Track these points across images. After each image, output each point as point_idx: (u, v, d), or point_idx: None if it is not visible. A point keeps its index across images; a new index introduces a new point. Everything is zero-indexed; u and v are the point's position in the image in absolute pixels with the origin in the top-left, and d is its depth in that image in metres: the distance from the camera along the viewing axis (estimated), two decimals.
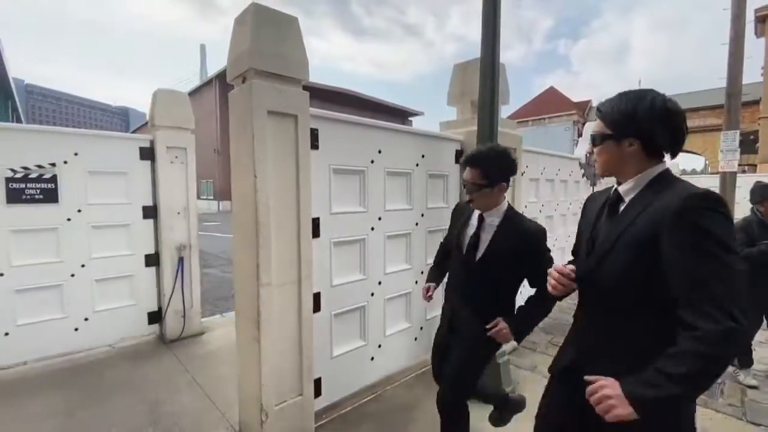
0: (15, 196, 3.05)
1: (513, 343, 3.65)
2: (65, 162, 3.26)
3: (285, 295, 2.19)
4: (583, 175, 5.70)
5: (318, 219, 2.40)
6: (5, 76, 17.04)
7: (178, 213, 3.74)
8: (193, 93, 26.80)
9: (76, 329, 3.40)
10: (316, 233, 2.38)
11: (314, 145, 2.33)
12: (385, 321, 2.89)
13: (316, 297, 2.40)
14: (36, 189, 3.13)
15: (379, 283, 2.83)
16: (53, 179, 3.21)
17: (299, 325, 2.26)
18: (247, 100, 1.99)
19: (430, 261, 3.19)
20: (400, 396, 2.81)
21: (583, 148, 5.74)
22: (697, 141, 23.74)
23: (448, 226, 3.31)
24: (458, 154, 3.35)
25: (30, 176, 3.11)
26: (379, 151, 2.76)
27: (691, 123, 23.30)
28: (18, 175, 3.06)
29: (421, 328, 3.19)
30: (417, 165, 3.04)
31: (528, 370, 3.24)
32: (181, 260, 3.77)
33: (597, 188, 6.18)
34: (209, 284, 6.19)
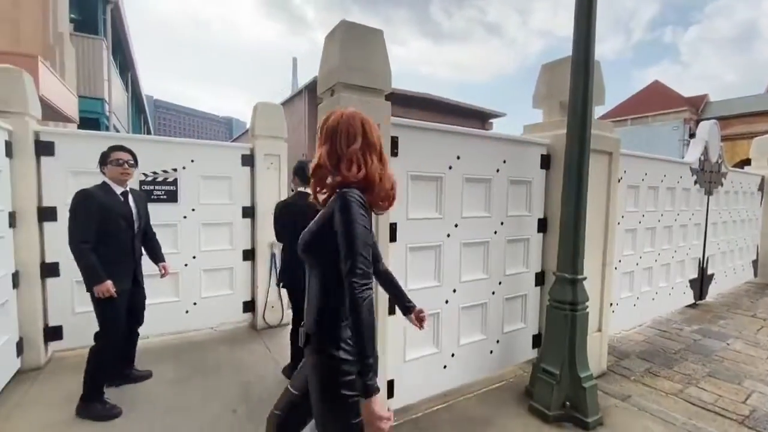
0: (147, 196, 3.65)
1: (601, 367, 3.34)
2: (184, 167, 3.81)
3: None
4: (695, 182, 4.97)
5: (395, 224, 2.46)
6: (139, 94, 20.41)
7: (272, 213, 4.13)
8: (285, 103, 29.19)
9: (187, 312, 3.94)
10: (393, 238, 2.44)
11: (394, 152, 2.39)
12: (459, 330, 2.85)
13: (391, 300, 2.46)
14: (162, 190, 3.72)
15: (454, 291, 2.80)
16: (174, 182, 3.77)
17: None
18: None
19: (510, 272, 3.09)
20: (473, 409, 2.74)
21: (696, 150, 5.00)
22: None
23: (527, 236, 3.17)
24: (544, 158, 3.17)
25: (157, 179, 3.70)
26: (458, 157, 2.73)
27: None
28: (149, 179, 3.66)
29: (498, 341, 3.07)
30: (497, 171, 2.94)
31: (618, 398, 2.93)
32: (272, 256, 4.15)
33: (713, 197, 5.33)
34: None
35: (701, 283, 5.34)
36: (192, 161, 3.84)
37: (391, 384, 2.50)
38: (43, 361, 3.21)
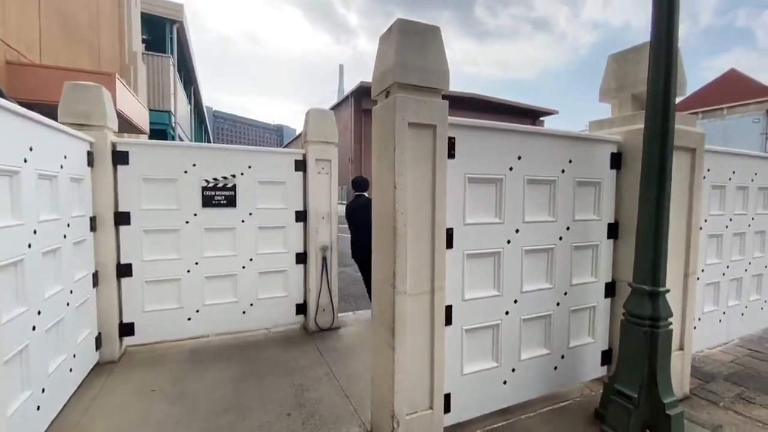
0: (208, 201, 3.84)
1: (683, 390, 2.97)
2: (242, 174, 3.96)
3: (418, 305, 2.20)
4: None
5: (452, 230, 2.34)
6: (201, 106, 21.91)
7: (323, 218, 4.18)
8: (332, 108, 30.00)
9: (244, 312, 4.08)
10: (449, 244, 2.33)
11: (451, 154, 2.29)
12: (520, 343, 2.66)
13: (448, 309, 2.35)
14: (222, 195, 3.88)
15: (515, 301, 2.62)
16: (233, 188, 3.93)
17: (431, 337, 2.24)
18: (390, 114, 2.07)
19: (576, 281, 2.85)
20: (536, 429, 2.54)
21: None
22: None
23: (596, 243, 2.90)
24: (614, 157, 2.89)
25: (218, 185, 3.87)
26: (519, 158, 2.56)
27: None
28: (210, 185, 3.83)
29: (563, 356, 2.84)
30: (563, 171, 2.72)
31: (707, 428, 2.57)
32: (324, 259, 4.19)
33: None
34: (343, 282, 6.73)
35: None
36: (249, 167, 3.98)
37: (447, 398, 2.38)
38: (118, 356, 3.46)
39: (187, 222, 3.77)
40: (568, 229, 2.77)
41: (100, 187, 3.33)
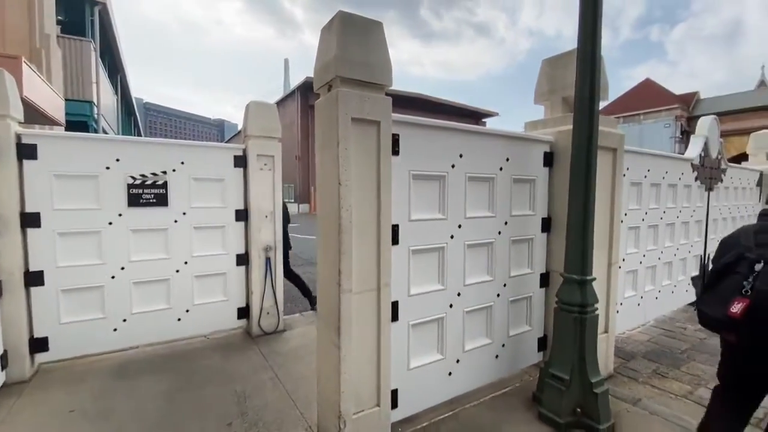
0: (135, 200, 3.50)
1: (608, 369, 3.25)
2: (174, 170, 3.66)
3: (364, 303, 2.17)
4: (696, 179, 4.91)
5: (397, 226, 2.34)
6: (129, 97, 20.13)
7: (266, 216, 4.00)
8: (277, 104, 29.04)
9: (179, 319, 3.79)
10: (395, 240, 2.33)
11: (395, 150, 2.28)
12: (464, 335, 2.74)
13: (394, 306, 2.35)
14: (151, 194, 3.56)
15: (459, 294, 2.69)
16: (164, 185, 3.62)
17: (378, 334, 2.22)
18: (332, 108, 2.01)
19: (515, 273, 2.99)
20: (481, 416, 2.63)
21: (697, 146, 4.95)
22: None
23: (531, 236, 3.07)
24: (547, 156, 3.08)
25: (146, 183, 3.55)
26: (461, 155, 2.63)
27: None
28: (137, 182, 3.51)
29: (503, 345, 2.97)
30: (501, 169, 2.84)
31: (628, 402, 2.83)
32: (267, 260, 4.01)
33: (713, 194, 5.29)
34: (290, 284, 6.53)
35: (703, 281, 5.28)
36: (182, 163, 3.69)
37: (395, 393, 2.38)
38: (29, 375, 3.05)
39: (110, 223, 3.42)
40: (506, 224, 2.90)
41: (1, 185, 2.90)
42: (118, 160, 3.42)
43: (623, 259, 3.86)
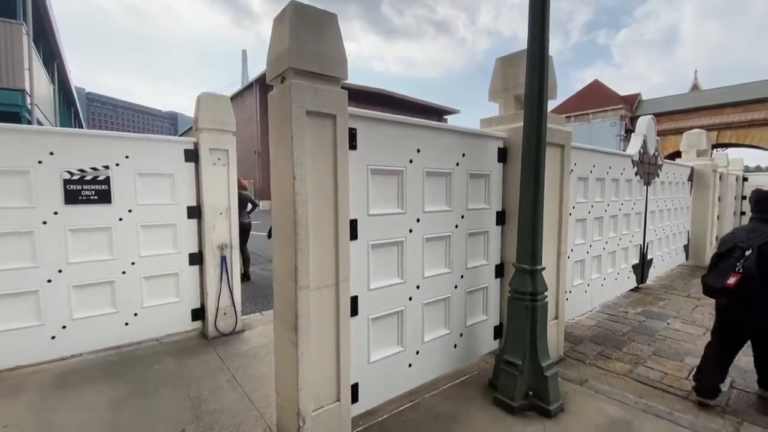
0: (73, 197, 3.24)
1: (559, 353, 3.44)
2: (117, 164, 3.43)
3: (323, 299, 2.15)
4: (636, 174, 5.29)
5: (356, 221, 2.34)
6: (68, 86, 18.56)
7: (221, 213, 3.84)
8: (235, 97, 27.91)
9: (127, 324, 3.57)
10: (353, 235, 2.32)
11: (352, 145, 2.27)
12: (423, 327, 2.79)
13: (354, 301, 2.34)
14: (91, 190, 3.31)
15: (417, 287, 2.74)
16: (107, 181, 3.38)
17: (337, 330, 2.21)
18: (286, 100, 1.96)
19: (471, 265, 3.08)
20: (439, 405, 2.70)
21: (636, 143, 5.33)
22: (764, 135, 21.55)
23: (487, 229, 3.18)
24: (501, 151, 3.19)
25: (86, 178, 3.29)
26: (418, 150, 2.66)
27: (756, 115, 21.23)
28: (75, 177, 3.24)
29: (461, 335, 3.06)
30: (457, 164, 2.91)
31: (576, 383, 3.02)
32: (223, 259, 3.86)
33: (651, 187, 5.72)
34: (249, 282, 6.35)
35: (642, 268, 5.73)
36: (127, 157, 3.46)
37: (355, 388, 2.38)
38: None
39: (44, 222, 3.15)
40: (462, 217, 2.97)
41: None
42: (51, 153, 3.14)
43: (571, 250, 4.09)
